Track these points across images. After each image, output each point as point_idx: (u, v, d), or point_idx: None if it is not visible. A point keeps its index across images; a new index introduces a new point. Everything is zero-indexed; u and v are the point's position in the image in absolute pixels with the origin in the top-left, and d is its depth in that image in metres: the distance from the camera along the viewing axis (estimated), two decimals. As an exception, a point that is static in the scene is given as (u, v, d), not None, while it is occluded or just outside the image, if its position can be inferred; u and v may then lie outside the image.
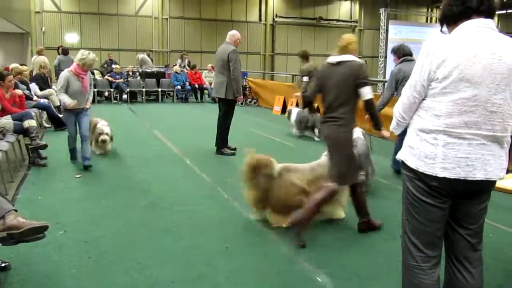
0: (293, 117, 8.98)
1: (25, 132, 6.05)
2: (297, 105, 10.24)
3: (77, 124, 6.04)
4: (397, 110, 2.22)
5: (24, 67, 9.77)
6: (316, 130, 8.48)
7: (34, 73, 11.29)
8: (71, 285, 3.00)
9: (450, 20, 2.12)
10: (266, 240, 3.81)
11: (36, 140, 6.09)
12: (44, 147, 6.15)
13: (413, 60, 5.73)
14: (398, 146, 5.01)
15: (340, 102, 3.66)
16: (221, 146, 7.13)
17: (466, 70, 1.94)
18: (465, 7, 2.03)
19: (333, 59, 3.77)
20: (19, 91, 7.02)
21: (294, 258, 3.46)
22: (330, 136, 3.75)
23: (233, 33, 7.06)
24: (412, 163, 2.12)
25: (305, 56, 9.18)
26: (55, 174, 5.76)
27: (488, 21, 2.01)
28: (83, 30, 22.33)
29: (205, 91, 16.04)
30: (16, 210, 2.53)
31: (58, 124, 8.99)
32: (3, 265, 3.12)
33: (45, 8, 21.45)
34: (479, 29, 1.99)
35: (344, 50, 3.72)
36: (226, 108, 7.08)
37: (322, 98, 3.83)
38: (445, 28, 2.16)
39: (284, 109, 12.73)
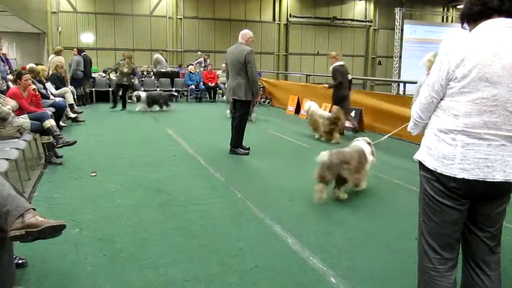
0: (143, 97, 12.51)
1: (47, 132, 6.13)
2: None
3: None
4: (415, 110, 2.19)
5: (42, 67, 9.89)
6: (164, 106, 12.83)
7: (50, 72, 11.43)
8: (86, 283, 3.03)
9: (470, 19, 2.08)
10: (279, 240, 3.80)
11: (62, 138, 6.18)
12: (74, 143, 6.26)
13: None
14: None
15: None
16: (236, 146, 7.13)
17: (486, 69, 1.91)
18: (485, 7, 2.00)
19: (341, 63, 8.69)
20: (33, 86, 7.11)
21: (307, 259, 3.44)
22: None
23: (245, 32, 7.01)
24: (430, 163, 2.09)
25: (129, 57, 12.75)
26: (71, 172, 5.82)
27: (509, 20, 1.97)
28: (99, 30, 22.54)
29: (219, 90, 16.08)
30: (34, 209, 2.56)
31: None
32: (20, 261, 3.16)
33: (61, 8, 21.71)
34: (500, 29, 1.95)
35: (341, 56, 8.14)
36: (244, 109, 7.08)
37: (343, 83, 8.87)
38: (465, 25, 2.13)
39: (298, 109, 12.70)
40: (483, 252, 2.17)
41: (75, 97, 11.91)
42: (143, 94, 12.61)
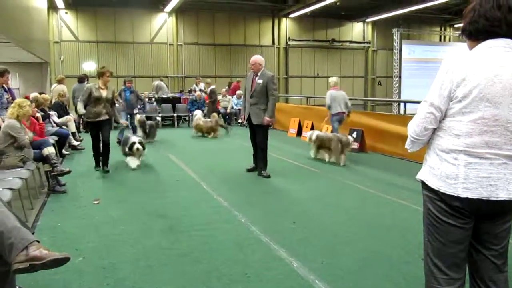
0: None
1: (45, 159, 6.14)
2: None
3: None
4: (411, 126, 2.18)
5: (46, 96, 9.98)
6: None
7: (53, 101, 11.53)
8: (90, 312, 2.99)
9: (472, 35, 2.08)
10: (284, 264, 3.76)
11: (58, 167, 6.16)
12: (68, 173, 6.22)
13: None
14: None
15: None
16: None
17: (486, 90, 1.93)
18: (492, 29, 2.00)
19: (213, 87, 13.96)
20: (38, 115, 7.18)
21: (313, 282, 3.40)
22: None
23: None
24: (433, 183, 2.09)
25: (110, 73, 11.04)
26: (74, 201, 5.81)
27: (509, 41, 1.99)
28: (100, 58, 22.79)
29: (219, 115, 16.18)
30: (38, 241, 2.55)
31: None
32: (23, 292, 3.14)
33: (64, 38, 22.03)
34: (500, 49, 1.97)
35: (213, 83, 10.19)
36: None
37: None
38: (465, 49, 2.13)
39: (299, 131, 12.74)
40: (490, 271, 2.15)
41: (77, 124, 11.96)
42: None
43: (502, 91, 1.92)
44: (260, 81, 6.98)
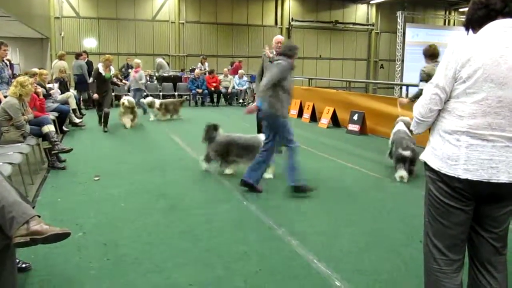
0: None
1: (44, 137, 6.12)
2: None
3: None
4: (416, 108, 2.18)
5: (43, 71, 9.91)
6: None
7: (54, 77, 11.49)
8: (90, 287, 3.02)
9: (475, 23, 2.09)
10: (284, 244, 3.78)
11: (58, 145, 6.15)
12: (69, 151, 6.21)
13: None
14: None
15: None
16: None
17: (491, 71, 1.91)
18: (489, 9, 2.01)
19: None
20: (39, 90, 7.15)
21: (311, 262, 3.43)
22: None
23: None
24: (434, 164, 2.09)
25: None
26: (74, 177, 5.82)
27: None
28: (101, 35, 22.63)
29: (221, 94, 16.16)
30: (39, 216, 2.56)
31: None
32: (23, 266, 3.16)
33: (64, 14, 21.82)
34: (506, 29, 1.96)
35: None
36: None
37: None
38: (470, 33, 2.13)
39: (300, 112, 12.69)
40: (489, 253, 2.16)
41: (76, 101, 11.91)
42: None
43: (507, 72, 1.91)
44: None
